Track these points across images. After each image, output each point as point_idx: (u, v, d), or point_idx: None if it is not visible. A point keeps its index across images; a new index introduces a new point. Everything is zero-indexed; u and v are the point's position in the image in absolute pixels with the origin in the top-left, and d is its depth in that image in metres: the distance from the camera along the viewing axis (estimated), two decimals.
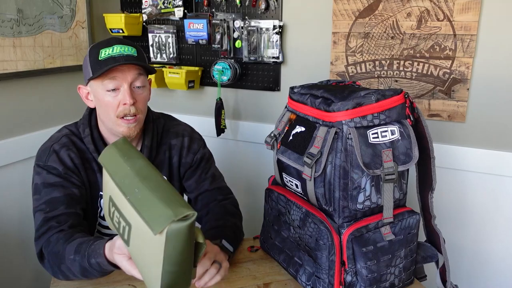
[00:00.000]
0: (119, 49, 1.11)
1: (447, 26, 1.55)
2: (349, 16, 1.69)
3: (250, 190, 2.00)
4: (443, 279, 1.18)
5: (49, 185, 1.13)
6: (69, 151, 1.17)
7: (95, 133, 1.21)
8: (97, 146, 1.20)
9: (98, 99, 1.15)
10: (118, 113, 1.13)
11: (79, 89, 1.20)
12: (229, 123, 2.03)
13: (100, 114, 1.18)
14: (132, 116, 1.14)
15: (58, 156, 1.16)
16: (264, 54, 1.85)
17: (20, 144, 1.70)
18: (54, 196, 1.12)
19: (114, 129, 1.16)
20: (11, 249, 1.71)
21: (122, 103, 1.12)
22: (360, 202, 0.98)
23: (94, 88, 1.14)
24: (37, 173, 1.16)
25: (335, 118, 0.97)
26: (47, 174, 1.14)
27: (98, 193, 1.22)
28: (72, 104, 1.94)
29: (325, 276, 1.00)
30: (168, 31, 2.01)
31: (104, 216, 1.23)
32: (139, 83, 1.14)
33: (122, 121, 1.14)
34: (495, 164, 1.58)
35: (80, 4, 1.92)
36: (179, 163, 1.30)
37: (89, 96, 1.19)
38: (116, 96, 1.12)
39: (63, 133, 1.21)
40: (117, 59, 1.10)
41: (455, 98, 1.60)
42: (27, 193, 1.73)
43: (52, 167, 1.15)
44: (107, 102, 1.13)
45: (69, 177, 1.15)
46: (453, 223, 1.70)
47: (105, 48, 1.11)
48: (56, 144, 1.18)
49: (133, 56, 1.12)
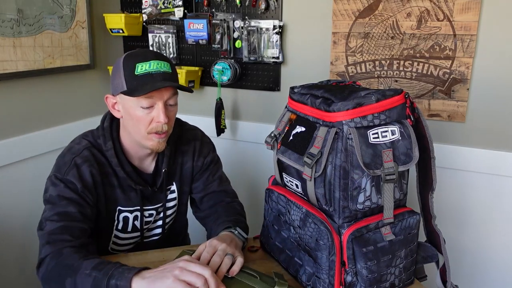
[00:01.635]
0: (156, 65, 1.09)
1: (447, 26, 1.55)
2: (349, 16, 1.69)
3: (250, 190, 2.00)
4: (444, 279, 1.18)
5: (65, 199, 1.10)
6: (91, 167, 1.14)
7: (117, 145, 1.19)
8: (120, 160, 1.18)
9: (129, 113, 1.12)
10: (149, 129, 1.12)
11: (106, 98, 1.17)
12: (229, 123, 2.03)
13: (128, 127, 1.16)
14: (164, 132, 1.13)
15: (78, 171, 1.12)
16: (264, 54, 1.85)
17: (20, 144, 1.70)
18: (69, 210, 1.09)
19: (142, 142, 1.15)
20: (12, 249, 1.71)
21: (156, 120, 1.11)
22: (361, 202, 0.98)
23: (126, 101, 1.12)
24: (54, 184, 1.12)
25: (336, 118, 0.97)
26: (64, 187, 1.11)
27: (116, 207, 1.21)
28: (72, 104, 1.95)
29: (325, 276, 1.00)
30: (168, 31, 2.01)
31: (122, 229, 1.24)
32: (173, 101, 1.14)
33: (153, 135, 1.13)
34: (495, 164, 1.58)
35: (80, 4, 1.92)
36: (192, 168, 1.31)
37: (116, 106, 1.16)
38: (150, 113, 1.11)
39: (84, 145, 1.17)
40: (155, 76, 1.08)
41: (455, 98, 1.60)
42: (26, 193, 1.74)
43: (70, 182, 1.11)
44: (139, 118, 1.11)
45: (85, 196, 1.12)
46: (454, 223, 1.70)
47: (142, 62, 1.09)
48: (78, 157, 1.14)
49: (169, 73, 1.11)
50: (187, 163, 1.30)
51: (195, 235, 1.59)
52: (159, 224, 1.31)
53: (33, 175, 1.75)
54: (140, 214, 1.24)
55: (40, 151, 1.77)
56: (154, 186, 1.25)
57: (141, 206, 1.23)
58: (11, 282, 1.72)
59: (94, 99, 2.06)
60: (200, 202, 1.33)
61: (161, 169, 1.24)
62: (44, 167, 1.80)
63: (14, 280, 1.73)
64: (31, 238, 1.77)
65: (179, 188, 1.31)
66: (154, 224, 1.31)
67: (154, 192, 1.24)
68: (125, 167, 1.19)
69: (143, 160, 1.23)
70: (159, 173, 1.25)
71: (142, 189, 1.21)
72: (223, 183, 1.35)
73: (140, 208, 1.23)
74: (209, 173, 1.33)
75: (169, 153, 1.24)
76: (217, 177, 1.34)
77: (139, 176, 1.22)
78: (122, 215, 1.22)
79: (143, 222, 1.26)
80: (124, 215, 1.22)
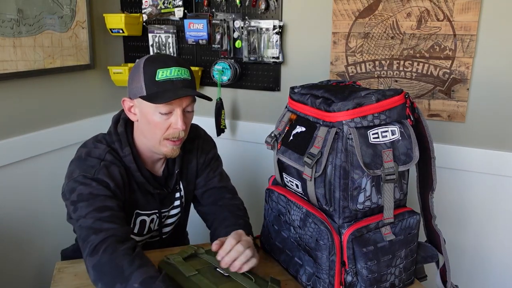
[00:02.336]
0: (177, 72, 1.09)
1: (447, 26, 1.55)
2: (349, 16, 1.69)
3: (250, 190, 2.00)
4: (444, 279, 1.18)
5: (98, 196, 1.07)
6: (119, 168, 1.13)
7: (134, 151, 1.18)
8: (138, 165, 1.17)
9: (146, 117, 1.12)
10: (166, 135, 1.12)
11: (123, 101, 1.16)
12: (229, 123, 2.03)
13: (145, 131, 1.15)
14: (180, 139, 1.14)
15: (108, 171, 1.10)
16: (264, 54, 1.85)
17: (20, 144, 1.70)
18: (107, 204, 1.06)
19: (156, 147, 1.15)
20: (12, 249, 1.71)
21: (174, 127, 1.11)
22: (361, 202, 0.98)
23: (144, 105, 1.11)
24: (84, 184, 1.07)
25: (336, 118, 0.97)
26: (98, 185, 1.08)
27: (134, 211, 1.21)
28: (72, 105, 1.94)
29: (326, 276, 1.00)
30: (168, 31, 2.01)
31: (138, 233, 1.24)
32: (191, 108, 1.14)
33: (168, 142, 1.13)
34: (495, 164, 1.58)
35: (80, 4, 1.92)
36: (196, 166, 1.32)
37: (132, 109, 1.16)
38: (168, 119, 1.11)
39: (104, 149, 1.15)
40: (176, 83, 1.08)
41: (455, 98, 1.60)
42: (26, 194, 1.74)
43: (102, 180, 1.09)
44: (156, 123, 1.11)
45: (117, 194, 1.11)
46: (454, 223, 1.70)
47: (163, 68, 1.08)
48: (103, 161, 1.12)
49: (189, 80, 1.11)
50: (192, 162, 1.31)
51: (195, 235, 1.59)
52: (168, 222, 1.33)
53: (33, 175, 1.75)
54: (158, 217, 1.25)
55: (40, 151, 1.77)
56: (168, 188, 1.26)
57: (159, 209, 1.24)
58: (11, 282, 1.72)
59: (94, 99, 2.06)
60: (201, 197, 1.34)
61: (172, 170, 1.25)
62: (44, 167, 1.81)
63: (14, 280, 1.73)
64: (30, 238, 1.77)
65: (185, 186, 1.32)
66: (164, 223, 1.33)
67: (169, 193, 1.26)
68: (143, 172, 1.19)
69: (155, 164, 1.24)
70: (170, 175, 1.26)
71: (159, 192, 1.22)
72: (224, 179, 1.36)
73: (158, 211, 1.25)
74: (210, 169, 1.34)
75: (182, 154, 1.25)
76: (217, 173, 1.35)
77: (155, 181, 1.23)
78: (139, 218, 1.22)
79: (160, 225, 1.28)
80: (141, 218, 1.23)
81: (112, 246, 0.98)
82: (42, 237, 1.80)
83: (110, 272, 0.95)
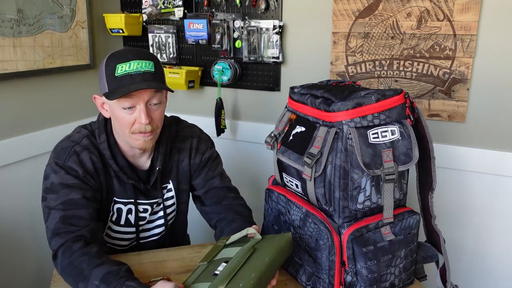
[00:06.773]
0: (136, 65, 1.08)
1: (447, 26, 1.55)
2: (349, 16, 1.69)
3: (250, 190, 2.00)
4: (443, 279, 1.18)
5: (67, 186, 1.11)
6: (91, 154, 1.15)
7: (111, 139, 1.19)
8: (113, 153, 1.18)
9: (113, 113, 1.13)
10: (133, 130, 1.12)
11: (95, 98, 1.18)
12: (229, 123, 2.03)
13: (116, 126, 1.16)
14: (148, 132, 1.13)
15: (79, 158, 1.13)
16: (264, 54, 1.85)
17: (19, 144, 1.70)
18: (72, 197, 1.10)
19: (129, 142, 1.16)
20: (12, 249, 1.71)
21: (138, 121, 1.11)
22: (360, 202, 0.98)
23: (109, 102, 1.12)
24: (54, 171, 1.13)
25: (335, 118, 0.97)
26: (66, 174, 1.12)
27: (113, 198, 1.21)
28: (72, 105, 1.95)
29: (325, 276, 1.00)
30: (168, 31, 2.01)
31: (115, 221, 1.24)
32: (156, 100, 1.12)
33: (137, 135, 1.13)
34: (495, 164, 1.58)
35: (80, 4, 1.92)
36: (189, 166, 1.31)
37: (104, 106, 1.17)
38: (132, 114, 1.10)
39: (83, 134, 1.18)
40: (134, 77, 1.07)
41: (455, 98, 1.60)
42: (26, 194, 1.74)
43: (71, 168, 1.12)
44: (122, 118, 1.11)
45: (87, 181, 1.13)
46: (453, 223, 1.70)
47: (122, 63, 1.07)
48: (77, 145, 1.15)
49: (151, 72, 1.09)
50: (184, 161, 1.30)
51: (195, 235, 1.59)
52: (159, 223, 1.31)
53: (32, 175, 1.75)
54: (134, 208, 1.24)
55: (40, 151, 1.77)
56: (147, 183, 1.25)
57: (135, 199, 1.23)
58: (11, 282, 1.72)
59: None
60: (204, 198, 1.33)
61: (155, 166, 1.24)
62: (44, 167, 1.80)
63: (14, 279, 1.73)
64: (29, 238, 1.77)
65: (176, 186, 1.31)
66: (152, 224, 1.31)
67: (148, 189, 1.25)
68: (118, 161, 1.19)
69: (137, 158, 1.24)
70: (153, 171, 1.25)
71: (134, 183, 1.21)
72: (224, 179, 1.35)
73: (134, 201, 1.23)
74: (208, 169, 1.32)
75: (164, 151, 1.25)
76: (217, 173, 1.33)
77: (132, 171, 1.22)
78: (116, 206, 1.22)
79: (138, 217, 1.26)
80: (118, 206, 1.23)
81: (69, 249, 1.04)
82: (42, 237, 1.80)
83: (71, 273, 1.02)
